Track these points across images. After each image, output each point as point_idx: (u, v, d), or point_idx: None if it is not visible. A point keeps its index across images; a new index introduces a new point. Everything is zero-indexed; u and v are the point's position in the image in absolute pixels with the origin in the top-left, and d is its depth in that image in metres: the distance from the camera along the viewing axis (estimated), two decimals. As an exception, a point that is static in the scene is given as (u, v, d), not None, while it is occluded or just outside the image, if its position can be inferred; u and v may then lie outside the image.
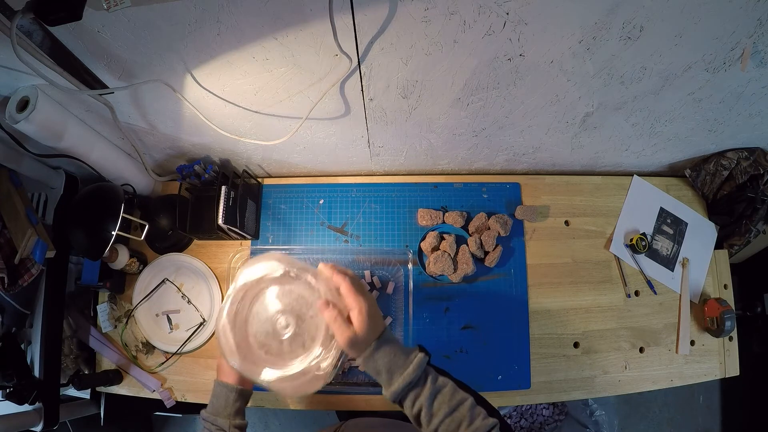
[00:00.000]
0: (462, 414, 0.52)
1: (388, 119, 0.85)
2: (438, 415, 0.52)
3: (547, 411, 1.67)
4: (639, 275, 1.08)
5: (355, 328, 0.54)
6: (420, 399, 0.53)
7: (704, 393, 1.81)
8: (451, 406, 0.53)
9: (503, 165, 1.11)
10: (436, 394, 0.54)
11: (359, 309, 0.54)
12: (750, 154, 1.03)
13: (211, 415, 0.70)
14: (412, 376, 0.53)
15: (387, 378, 0.54)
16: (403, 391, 0.54)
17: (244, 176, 1.00)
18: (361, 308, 0.54)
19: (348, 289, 0.56)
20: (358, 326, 0.54)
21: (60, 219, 0.90)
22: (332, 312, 0.55)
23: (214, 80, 0.71)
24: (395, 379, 0.54)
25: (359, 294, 0.55)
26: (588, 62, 0.68)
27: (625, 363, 1.03)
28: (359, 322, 0.54)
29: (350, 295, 0.55)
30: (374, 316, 0.55)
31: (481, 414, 0.53)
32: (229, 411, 0.69)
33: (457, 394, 0.54)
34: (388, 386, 0.54)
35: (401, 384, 0.53)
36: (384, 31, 0.59)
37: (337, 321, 0.54)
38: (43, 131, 0.73)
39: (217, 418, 0.69)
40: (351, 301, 0.55)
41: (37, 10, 0.46)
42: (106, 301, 1.00)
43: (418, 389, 0.54)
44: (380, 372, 0.55)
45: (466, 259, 0.99)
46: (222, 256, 1.05)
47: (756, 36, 0.65)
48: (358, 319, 0.54)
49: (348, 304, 0.55)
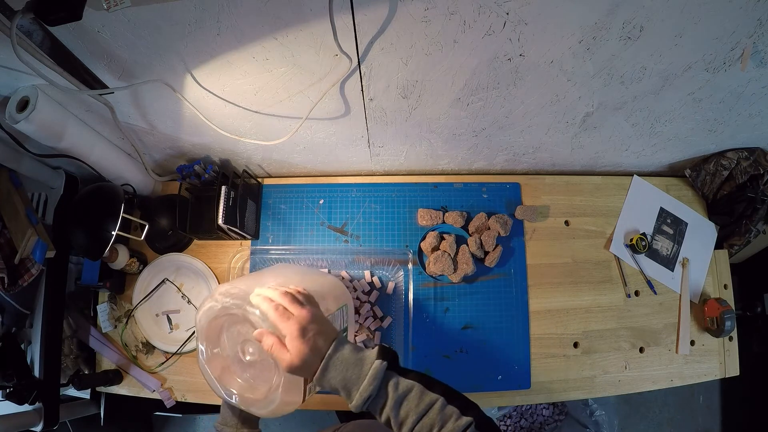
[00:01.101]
0: (432, 418, 0.50)
1: (388, 119, 0.85)
2: (407, 423, 0.50)
3: (547, 411, 1.67)
4: (639, 275, 1.08)
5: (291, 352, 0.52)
6: (385, 409, 0.51)
7: (704, 393, 1.81)
8: (419, 412, 0.50)
9: (503, 165, 1.11)
10: (401, 401, 0.51)
11: (289, 334, 0.53)
12: (750, 154, 1.03)
13: (220, 424, 0.69)
14: (369, 391, 0.50)
15: (345, 394, 0.52)
16: (363, 405, 0.51)
17: (244, 176, 1.00)
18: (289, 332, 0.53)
19: (273, 317, 0.54)
20: (294, 350, 0.52)
21: (60, 219, 0.90)
22: (268, 340, 0.54)
23: (214, 80, 0.71)
24: (353, 394, 0.51)
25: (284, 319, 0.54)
26: (588, 62, 0.68)
27: (625, 363, 1.03)
28: (292, 347, 0.52)
29: (278, 322, 0.54)
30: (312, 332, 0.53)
31: (454, 414, 0.50)
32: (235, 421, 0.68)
33: (425, 396, 0.51)
34: (348, 401, 0.52)
35: (359, 400, 0.51)
36: (384, 31, 0.59)
37: (274, 350, 0.53)
38: (43, 131, 0.73)
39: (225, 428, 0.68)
40: (280, 327, 0.53)
41: (37, 10, 0.46)
42: (106, 301, 1.00)
43: (380, 400, 0.51)
44: (336, 389, 0.53)
45: (466, 259, 0.99)
46: (222, 256, 1.05)
47: (756, 36, 0.65)
48: (290, 344, 0.52)
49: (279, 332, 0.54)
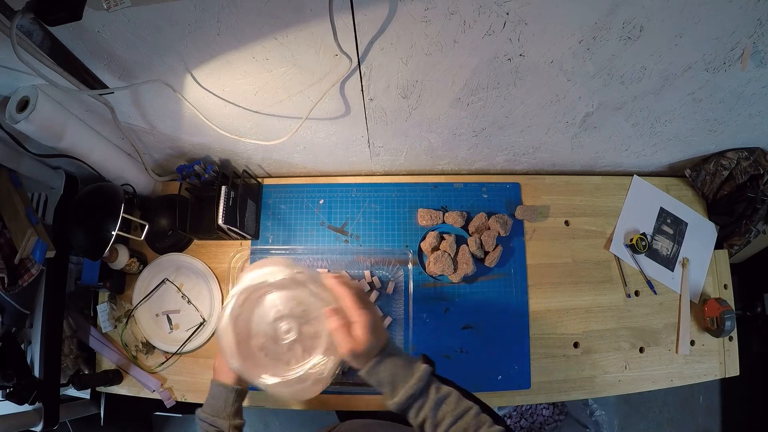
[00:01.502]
0: (467, 422, 0.52)
1: (388, 119, 0.85)
2: (443, 424, 0.53)
3: (547, 411, 1.67)
4: (639, 275, 1.08)
5: (357, 340, 0.54)
6: (424, 409, 0.54)
7: (704, 393, 1.81)
8: (455, 415, 0.53)
9: (503, 165, 1.11)
10: (440, 403, 0.54)
11: (362, 322, 0.55)
12: (750, 154, 1.03)
13: (210, 416, 0.69)
14: (414, 388, 0.53)
15: (390, 390, 0.55)
16: (406, 403, 0.54)
17: (244, 176, 1.00)
18: (363, 321, 0.55)
19: (351, 301, 0.56)
20: (361, 339, 0.54)
21: (60, 219, 0.90)
22: (337, 322, 0.55)
23: (214, 80, 0.71)
24: (398, 391, 0.54)
25: (362, 307, 0.56)
26: (588, 62, 0.68)
27: (625, 363, 1.03)
28: (361, 335, 0.54)
29: (353, 308, 0.56)
30: (377, 329, 0.56)
31: (487, 422, 0.53)
32: (228, 411, 0.69)
33: (462, 402, 0.54)
34: (390, 398, 0.55)
35: (404, 396, 0.53)
36: (384, 31, 0.59)
37: (341, 331, 0.55)
38: (43, 131, 0.73)
39: (216, 419, 0.69)
40: (354, 313, 0.56)
41: (37, 10, 0.46)
42: (106, 301, 1.00)
43: (421, 400, 0.54)
44: (383, 384, 0.55)
45: (466, 259, 0.99)
46: (222, 256, 1.05)
47: (756, 36, 0.65)
48: (360, 332, 0.54)
49: (351, 317, 0.56)
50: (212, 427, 0.68)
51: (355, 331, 0.55)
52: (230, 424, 0.69)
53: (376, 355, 0.55)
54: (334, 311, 0.57)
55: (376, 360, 0.55)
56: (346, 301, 0.57)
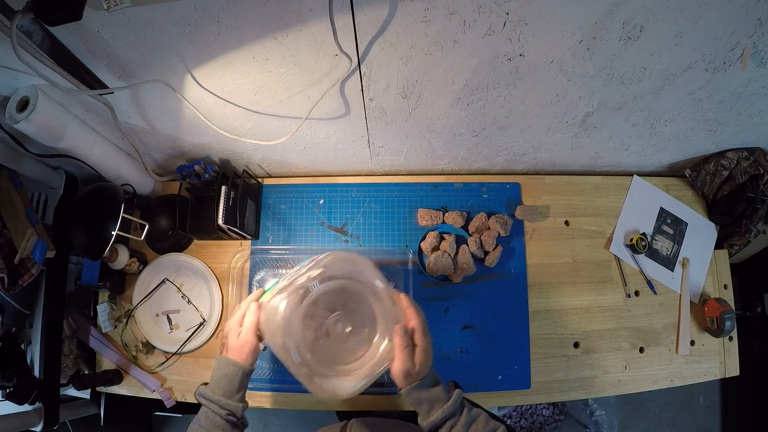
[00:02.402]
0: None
1: (388, 119, 0.85)
2: None
3: (547, 411, 1.67)
4: (639, 275, 1.08)
5: (415, 362, 0.59)
6: (456, 428, 0.58)
7: (704, 393, 1.81)
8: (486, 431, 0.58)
9: (503, 165, 1.11)
10: (471, 422, 0.59)
11: (424, 348, 0.60)
12: (750, 154, 1.03)
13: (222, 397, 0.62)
14: (451, 409, 0.59)
15: (427, 409, 0.60)
16: (441, 422, 0.59)
17: (244, 176, 1.00)
18: (425, 348, 0.60)
19: (419, 326, 0.61)
20: (418, 363, 0.59)
21: (60, 219, 0.90)
22: (404, 340, 0.60)
23: (214, 80, 0.71)
24: (435, 410, 0.59)
25: (425, 334, 0.61)
26: (588, 62, 0.68)
27: (625, 363, 1.03)
28: (420, 359, 0.59)
29: (420, 333, 0.61)
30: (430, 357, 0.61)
31: None
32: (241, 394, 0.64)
33: (491, 422, 0.59)
34: (426, 416, 0.59)
35: (440, 416, 0.58)
36: (384, 31, 0.59)
37: (404, 351, 0.59)
38: (43, 131, 0.73)
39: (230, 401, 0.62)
40: (419, 337, 0.61)
41: (37, 10, 0.46)
42: (106, 301, 1.00)
43: (454, 419, 0.59)
44: (422, 403, 0.60)
45: (466, 259, 0.99)
46: (222, 256, 1.05)
47: (756, 36, 0.65)
48: (420, 357, 0.60)
49: (416, 340, 0.61)
50: (223, 409, 0.61)
51: (416, 355, 0.60)
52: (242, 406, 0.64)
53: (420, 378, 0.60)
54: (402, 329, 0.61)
55: (422, 382, 0.60)
56: (414, 323, 0.61)
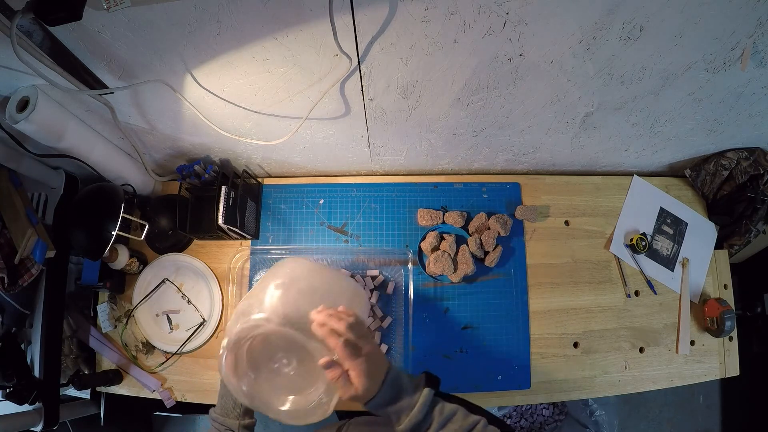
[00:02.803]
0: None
1: (388, 119, 0.85)
2: None
3: (547, 411, 1.67)
4: (639, 275, 1.08)
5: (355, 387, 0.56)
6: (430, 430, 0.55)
7: (704, 393, 1.81)
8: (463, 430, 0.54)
9: (503, 165, 1.11)
10: (445, 423, 0.55)
11: (356, 371, 0.56)
12: (750, 154, 1.03)
13: (220, 416, 0.69)
14: (417, 417, 0.55)
15: (395, 419, 0.56)
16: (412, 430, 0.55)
17: (244, 176, 1.00)
18: (357, 369, 0.56)
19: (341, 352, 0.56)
20: (358, 386, 0.56)
21: (60, 219, 0.90)
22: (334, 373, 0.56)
23: (214, 80, 0.71)
24: (402, 419, 0.56)
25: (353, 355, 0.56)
26: (588, 62, 0.68)
27: (625, 363, 1.03)
28: (359, 382, 0.56)
29: (345, 358, 0.56)
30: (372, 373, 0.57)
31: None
32: (237, 411, 0.69)
33: (469, 417, 0.56)
34: (397, 425, 0.56)
35: (408, 425, 0.55)
36: (384, 31, 0.59)
37: (340, 382, 0.56)
38: (43, 131, 0.73)
39: (226, 419, 0.69)
40: (347, 364, 0.56)
41: (37, 10, 0.46)
42: (106, 301, 1.00)
43: (425, 424, 0.55)
44: (389, 415, 0.57)
45: (466, 259, 0.99)
46: (222, 256, 1.05)
47: (756, 36, 0.65)
48: (357, 381, 0.56)
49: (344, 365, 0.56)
50: (222, 426, 0.68)
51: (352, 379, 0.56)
52: (240, 423, 0.68)
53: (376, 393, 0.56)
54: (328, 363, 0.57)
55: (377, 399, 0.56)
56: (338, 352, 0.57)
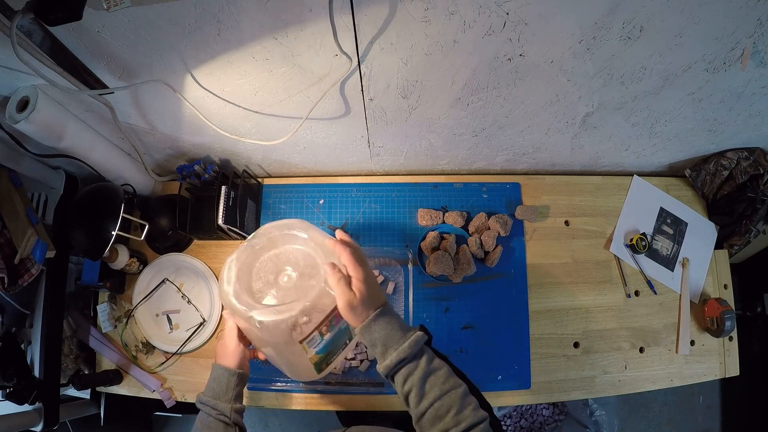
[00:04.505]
0: (453, 399, 0.51)
1: (388, 119, 0.85)
2: (428, 396, 0.52)
3: (547, 411, 1.67)
4: (639, 275, 1.08)
5: (354, 293, 0.56)
6: (412, 377, 0.53)
7: (704, 393, 1.81)
8: (442, 390, 0.52)
9: (503, 165, 1.11)
10: (429, 374, 0.53)
11: (358, 277, 0.57)
12: (750, 154, 1.03)
13: (212, 399, 0.68)
14: (407, 352, 0.53)
15: (381, 351, 0.55)
16: (396, 367, 0.54)
17: (244, 176, 1.00)
18: (360, 276, 0.57)
19: (348, 258, 0.59)
20: (358, 292, 0.56)
21: (60, 219, 0.90)
22: (337, 274, 0.58)
23: (214, 80, 0.71)
24: (389, 352, 0.54)
25: (359, 264, 0.58)
26: (588, 62, 0.68)
27: (625, 363, 1.03)
28: (358, 288, 0.57)
29: (350, 264, 0.58)
30: (373, 286, 0.58)
31: (472, 404, 0.52)
32: (230, 395, 0.68)
33: (451, 378, 0.54)
34: (381, 359, 0.55)
35: (395, 359, 0.53)
36: (384, 31, 0.59)
37: (340, 283, 0.57)
38: (43, 131, 0.73)
39: (218, 402, 0.67)
40: (351, 269, 0.58)
41: (37, 10, 0.46)
42: (106, 301, 1.00)
43: (411, 366, 0.53)
44: (375, 344, 0.56)
45: (466, 259, 0.99)
46: (222, 256, 1.05)
47: (756, 36, 0.65)
48: (357, 286, 0.57)
49: (349, 272, 0.59)
50: (213, 409, 0.66)
51: (353, 285, 0.57)
52: (232, 407, 0.67)
53: (372, 314, 0.56)
54: (333, 265, 0.59)
55: (372, 317, 0.56)
56: (344, 258, 0.59)
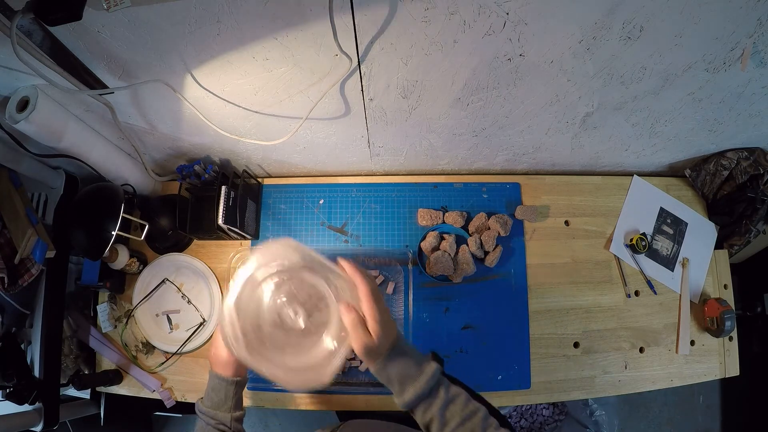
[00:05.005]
0: (474, 424, 0.52)
1: (388, 119, 0.85)
2: (449, 424, 0.52)
3: (547, 411, 1.67)
4: (639, 275, 1.08)
5: (370, 336, 0.54)
6: (431, 409, 0.53)
7: (704, 393, 1.81)
8: (463, 416, 0.52)
9: (503, 165, 1.11)
10: (448, 404, 0.53)
11: (375, 317, 0.54)
12: (750, 154, 1.03)
13: (211, 409, 0.68)
14: (424, 388, 0.53)
15: (399, 388, 0.54)
16: (415, 402, 0.53)
17: (244, 176, 1.00)
18: (376, 317, 0.54)
19: (366, 294, 0.55)
20: (374, 335, 0.54)
21: (60, 219, 0.90)
22: (353, 316, 0.55)
23: (214, 80, 0.71)
24: (407, 389, 0.53)
25: (375, 301, 0.55)
26: (588, 62, 0.68)
27: (625, 363, 1.03)
28: (375, 330, 0.54)
29: (367, 302, 0.55)
30: (388, 325, 0.55)
31: (493, 425, 0.53)
32: (230, 404, 0.68)
33: (470, 404, 0.54)
34: (399, 396, 0.54)
35: (413, 395, 0.53)
36: (384, 31, 0.59)
37: (357, 327, 0.54)
38: (43, 131, 0.73)
39: (218, 412, 0.68)
40: (367, 307, 0.54)
41: (37, 10, 0.46)
42: (106, 301, 1.00)
43: (429, 399, 0.53)
44: (392, 382, 0.55)
45: (466, 259, 0.99)
46: (222, 256, 1.05)
47: (756, 36, 0.65)
48: (373, 328, 0.54)
49: (364, 310, 0.55)
50: (213, 420, 0.67)
51: (369, 326, 0.54)
52: (231, 416, 0.67)
53: (386, 352, 0.54)
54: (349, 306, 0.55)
55: (387, 357, 0.54)
56: (361, 292, 0.55)
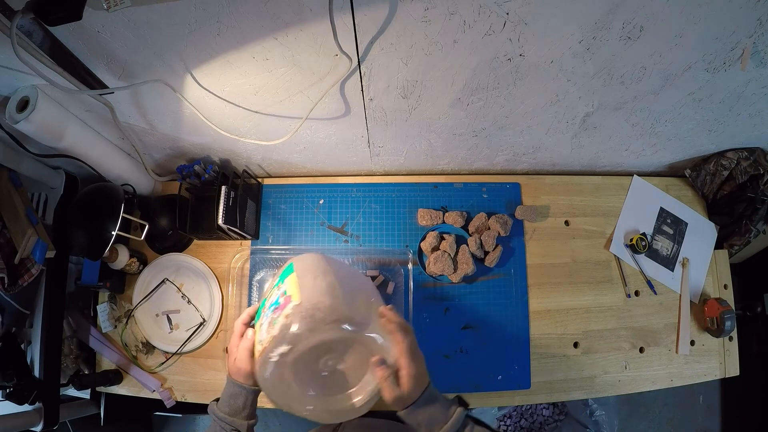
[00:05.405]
0: None
1: (388, 119, 0.85)
2: None
3: (547, 411, 1.67)
4: (639, 275, 1.08)
5: (402, 388, 0.57)
6: None
7: (704, 393, 1.81)
8: None
9: (503, 165, 1.11)
10: None
11: (410, 372, 0.57)
12: (750, 154, 1.03)
13: (228, 416, 0.69)
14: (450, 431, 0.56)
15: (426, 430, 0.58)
16: None
17: (244, 176, 1.00)
18: (411, 372, 0.57)
19: (403, 350, 0.58)
20: (406, 387, 0.57)
21: (60, 219, 0.90)
22: (385, 372, 0.58)
23: (214, 80, 0.71)
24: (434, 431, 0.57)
25: (412, 358, 0.58)
26: (588, 62, 0.68)
27: (625, 363, 1.03)
28: (408, 384, 0.57)
29: (404, 357, 0.58)
30: (421, 377, 0.58)
31: None
32: (247, 412, 0.70)
33: None
34: None
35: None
36: (384, 31, 0.59)
37: (388, 381, 0.58)
38: (43, 131, 0.73)
39: (235, 419, 0.69)
40: (405, 363, 0.58)
41: (37, 10, 0.46)
42: (106, 301, 1.00)
43: None
44: (420, 425, 0.58)
45: (466, 259, 0.99)
46: (222, 256, 1.05)
47: (756, 36, 0.65)
48: (407, 382, 0.57)
49: (400, 364, 0.58)
50: (230, 426, 0.68)
51: (402, 380, 0.57)
52: (248, 423, 0.69)
53: (417, 398, 0.58)
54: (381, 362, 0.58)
55: (417, 404, 0.58)
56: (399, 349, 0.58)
